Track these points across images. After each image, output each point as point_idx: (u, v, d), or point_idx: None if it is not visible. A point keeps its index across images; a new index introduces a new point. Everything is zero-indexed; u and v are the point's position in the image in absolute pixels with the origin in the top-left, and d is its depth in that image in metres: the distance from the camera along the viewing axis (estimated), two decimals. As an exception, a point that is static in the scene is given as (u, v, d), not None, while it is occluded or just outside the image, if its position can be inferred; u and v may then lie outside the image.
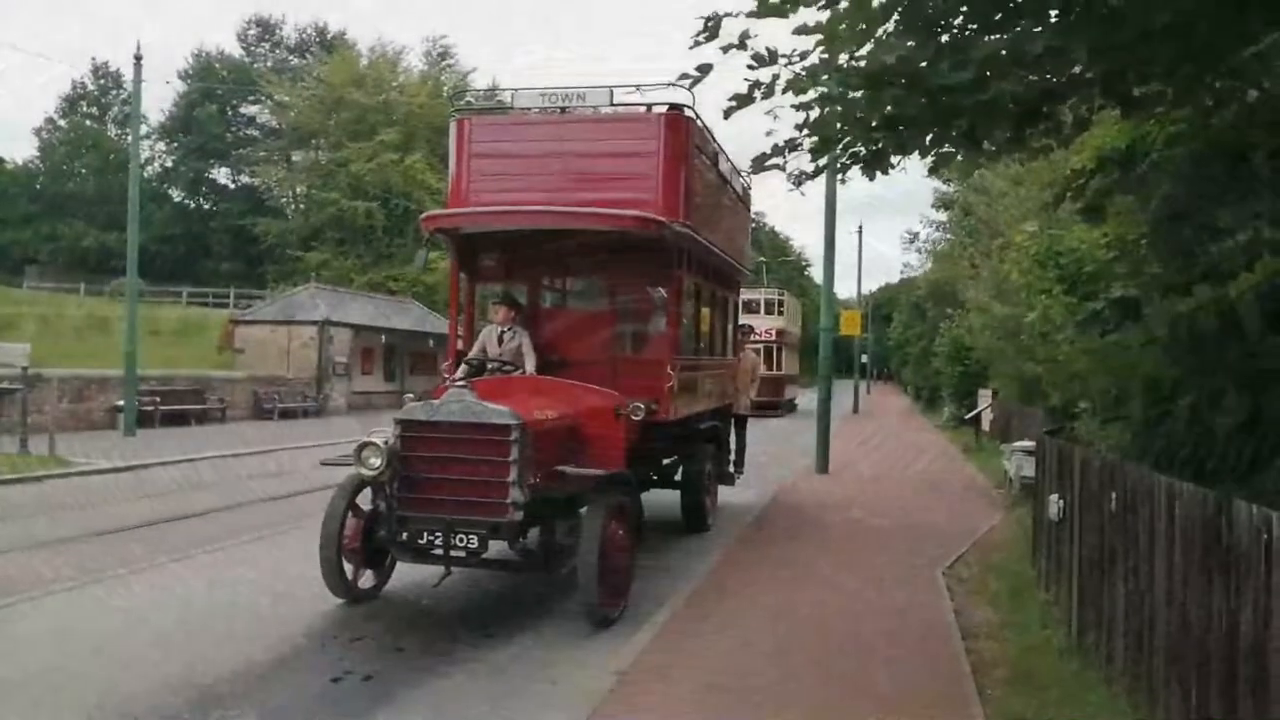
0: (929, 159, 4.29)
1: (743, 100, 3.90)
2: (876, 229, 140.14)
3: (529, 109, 9.41)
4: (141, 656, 5.97)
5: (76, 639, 6.33)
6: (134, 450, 17.55)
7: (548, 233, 8.79)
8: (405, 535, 6.81)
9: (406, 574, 7.63)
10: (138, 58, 21.80)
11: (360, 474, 6.75)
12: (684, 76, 3.93)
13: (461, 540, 6.57)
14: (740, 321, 14.21)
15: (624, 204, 8.52)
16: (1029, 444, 11.72)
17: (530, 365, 8.71)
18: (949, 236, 36.69)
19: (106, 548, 9.33)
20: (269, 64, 64.63)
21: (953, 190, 30.59)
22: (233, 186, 65.95)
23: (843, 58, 3.83)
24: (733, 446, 12.93)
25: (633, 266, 9.10)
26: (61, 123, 66.20)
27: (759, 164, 4.09)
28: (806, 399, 38.44)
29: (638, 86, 9.13)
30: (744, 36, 3.61)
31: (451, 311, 9.73)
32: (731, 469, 12.54)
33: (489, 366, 8.76)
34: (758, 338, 35.04)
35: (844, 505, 12.75)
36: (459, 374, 8.53)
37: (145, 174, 55.63)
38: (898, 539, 10.54)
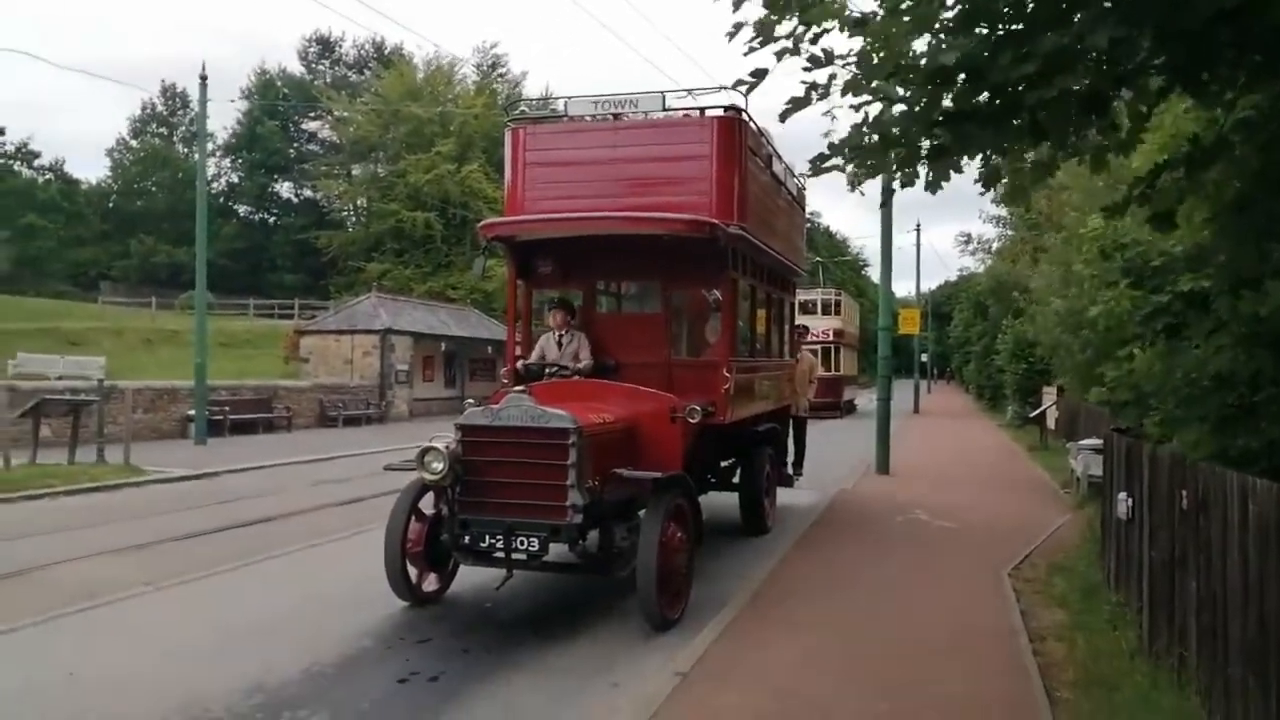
0: (978, 166, 4.21)
1: (799, 103, 3.90)
2: (935, 228, 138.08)
3: (582, 117, 9.47)
4: (214, 658, 6.15)
5: (153, 641, 6.53)
6: (205, 458, 18.05)
7: (603, 238, 8.85)
8: (467, 538, 6.87)
9: (470, 577, 7.74)
10: (203, 78, 22.41)
11: (423, 478, 6.86)
12: (739, 83, 3.95)
13: (522, 543, 6.63)
14: (797, 322, 14.10)
15: (678, 207, 8.58)
16: (1096, 442, 11.47)
17: (585, 366, 8.77)
18: (1009, 232, 36.04)
19: (180, 553, 9.61)
20: (328, 80, 66.00)
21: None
22: (296, 200, 67.48)
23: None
24: (792, 448, 12.89)
25: (688, 270, 9.04)
26: (132, 142, 68.40)
27: (817, 165, 4.06)
28: (865, 400, 38.02)
29: (690, 91, 9.18)
30: (797, 39, 3.61)
31: (509, 318, 9.76)
32: (791, 471, 12.49)
33: (546, 371, 8.83)
34: (815, 338, 34.86)
35: (906, 506, 12.60)
36: (514, 380, 8.63)
37: (212, 190, 57.11)
38: (961, 540, 10.40)
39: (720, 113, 8.85)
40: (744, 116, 8.94)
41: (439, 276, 47.67)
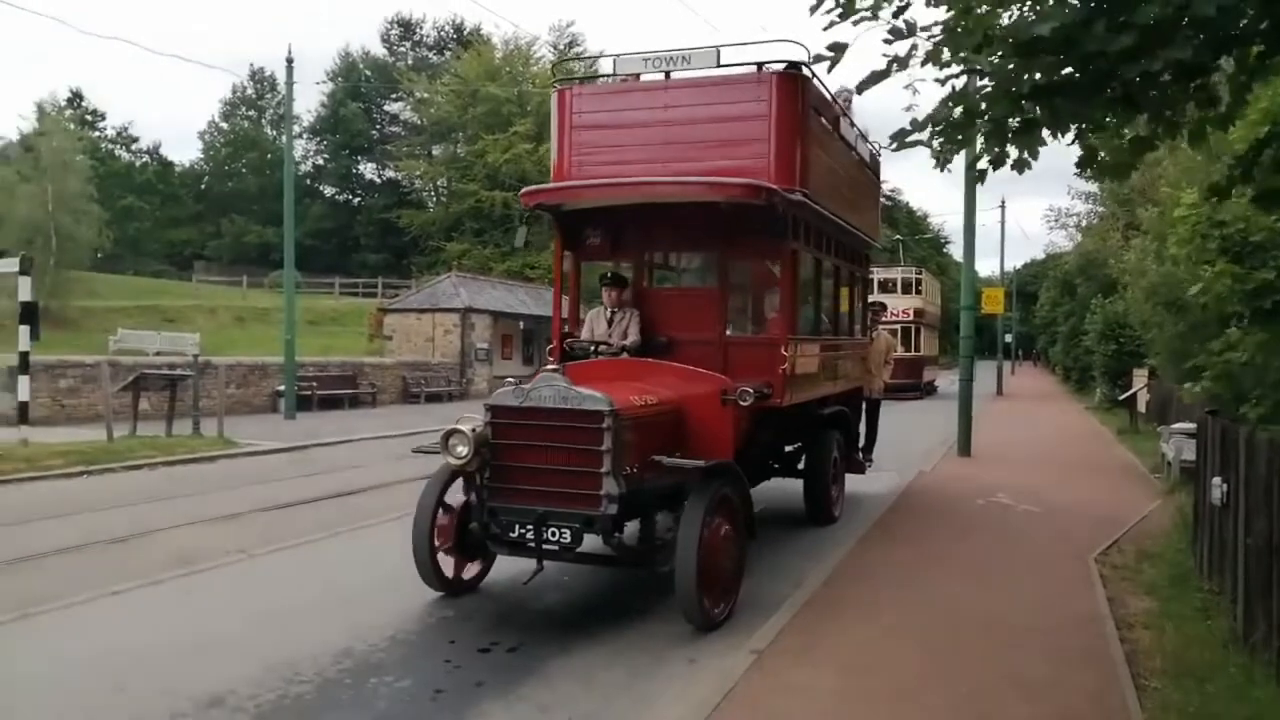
0: (1067, 142, 4.06)
1: (879, 76, 3.83)
2: (1021, 203, 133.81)
3: (631, 76, 8.75)
4: (303, 624, 6.38)
5: (244, 607, 6.80)
6: (294, 432, 18.65)
7: (654, 206, 8.33)
8: (496, 527, 6.46)
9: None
10: (289, 61, 23.00)
11: (448, 463, 6.54)
12: (819, 58, 3.89)
13: (553, 534, 6.18)
14: (872, 299, 13.37)
15: (734, 172, 7.89)
16: (1189, 425, 11.08)
17: (632, 343, 8.39)
18: (1100, 208, 34.86)
19: (271, 523, 9.98)
20: (409, 62, 67.02)
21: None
22: (379, 181, 68.91)
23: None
24: (864, 433, 12.28)
25: (746, 240, 8.42)
26: (223, 125, 70.54)
27: (899, 139, 3.97)
28: (946, 381, 37.34)
29: (746, 44, 8.46)
30: (876, 9, 3.55)
31: (555, 291, 9.32)
32: (861, 457, 11.81)
33: (591, 349, 8.40)
34: (894, 317, 34.32)
35: (988, 489, 12.36)
36: (561, 359, 8.28)
37: (298, 171, 58.60)
38: (1046, 524, 10.18)
39: (780, 69, 8.13)
40: (807, 73, 8.22)
41: (517, 256, 48.22)
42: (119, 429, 15.50)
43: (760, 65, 8.20)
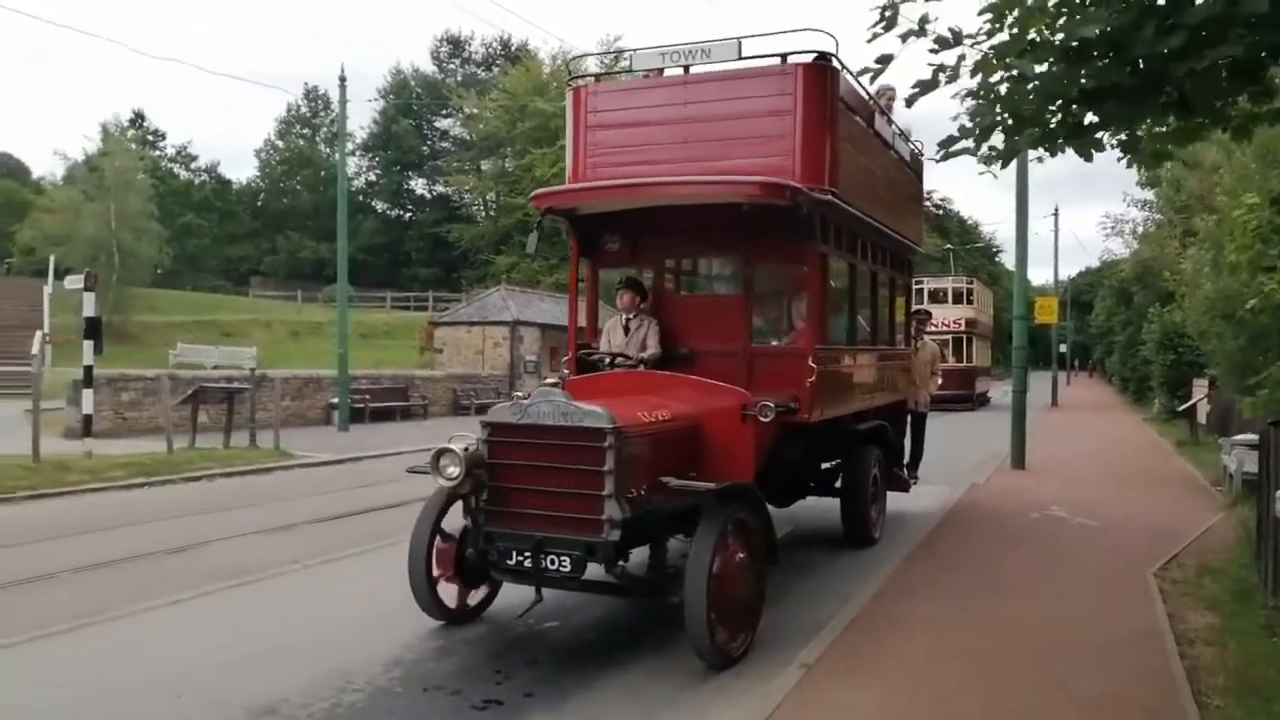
0: (1118, 137, 3.99)
1: (926, 86, 3.80)
2: (1075, 210, 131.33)
3: (650, 72, 8.35)
4: (357, 634, 6.47)
5: (299, 616, 6.92)
6: (348, 444, 18.95)
7: (674, 209, 7.88)
8: (494, 554, 6.01)
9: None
10: (342, 80, 23.43)
11: (439, 485, 6.14)
12: (864, 71, 3.88)
13: (553, 562, 5.74)
14: (917, 308, 12.71)
15: (758, 171, 7.38)
16: (1251, 437, 10.78)
17: (650, 355, 7.97)
18: (1156, 216, 34.13)
19: (326, 533, 10.14)
20: (459, 78, 67.96)
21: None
22: (429, 196, 69.94)
23: (1032, 32, 3.67)
24: (908, 448, 11.71)
25: (771, 243, 7.85)
26: (278, 143, 72.07)
27: (947, 148, 3.93)
28: (999, 392, 36.74)
29: (770, 35, 7.83)
30: (924, 21, 3.53)
31: (570, 299, 8.85)
32: (906, 473, 11.17)
33: (605, 360, 7.97)
34: (946, 328, 33.94)
35: (1042, 503, 12.12)
36: (576, 371, 7.97)
37: (351, 188, 59.63)
38: (1102, 539, 9.95)
39: (808, 60, 7.63)
40: (836, 64, 7.71)
41: (565, 269, 48.45)
42: (178, 441, 15.86)
43: (784, 56, 7.64)
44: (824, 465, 9.54)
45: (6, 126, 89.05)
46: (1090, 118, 3.87)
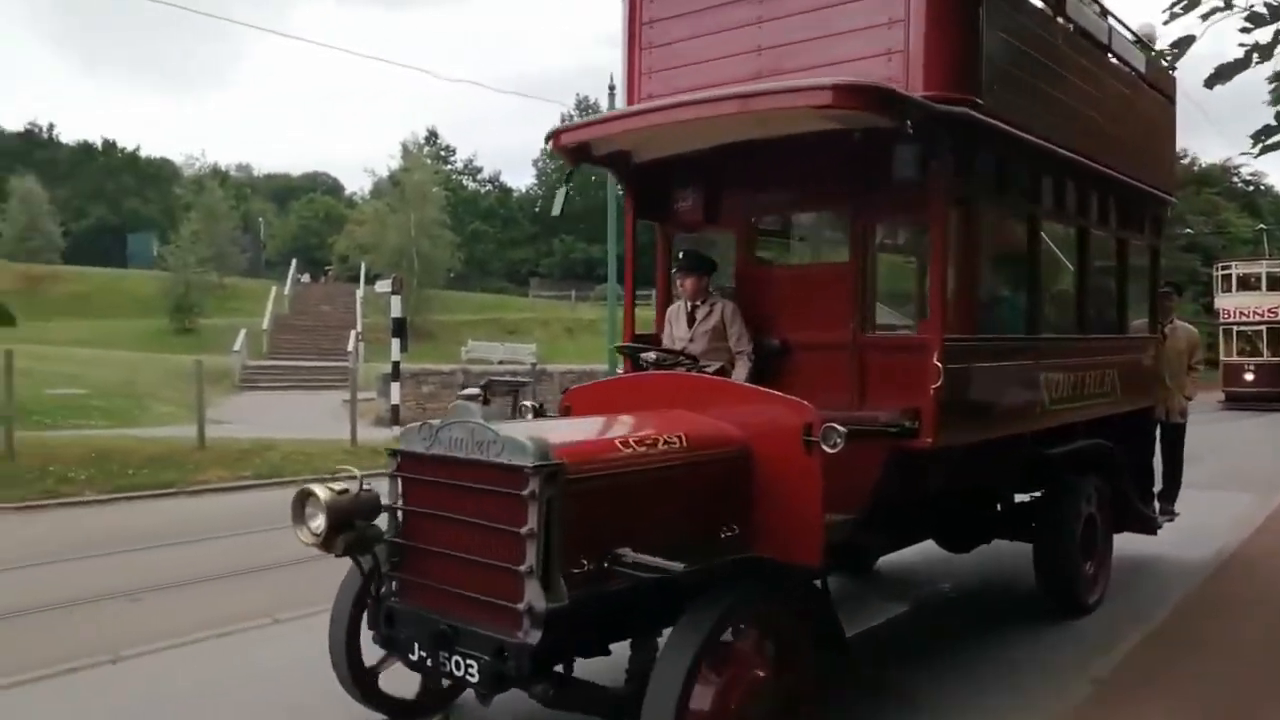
0: None
1: (1236, 67, 3.50)
2: None
3: None
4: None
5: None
6: (618, 437, 19.79)
7: (761, 149, 5.71)
8: (397, 637, 4.06)
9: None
10: (611, 89, 24.48)
11: (301, 542, 4.09)
12: (1160, 54, 3.65)
13: (458, 664, 3.73)
14: (1165, 285, 9.15)
15: (859, 74, 4.94)
16: None
17: (742, 352, 5.99)
18: None
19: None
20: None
21: None
22: (691, 195, 71.34)
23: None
24: (1159, 472, 8.75)
25: (891, 190, 5.23)
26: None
27: (1264, 139, 3.54)
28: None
29: None
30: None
31: (627, 276, 7.06)
32: (1152, 510, 8.15)
33: (654, 358, 5.88)
34: (1260, 317, 30.40)
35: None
36: (630, 370, 6.17)
37: (619, 191, 62.06)
38: None
39: None
40: None
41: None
42: (470, 431, 17.28)
43: None
44: (1017, 497, 7.09)
45: (327, 149, 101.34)
46: None
